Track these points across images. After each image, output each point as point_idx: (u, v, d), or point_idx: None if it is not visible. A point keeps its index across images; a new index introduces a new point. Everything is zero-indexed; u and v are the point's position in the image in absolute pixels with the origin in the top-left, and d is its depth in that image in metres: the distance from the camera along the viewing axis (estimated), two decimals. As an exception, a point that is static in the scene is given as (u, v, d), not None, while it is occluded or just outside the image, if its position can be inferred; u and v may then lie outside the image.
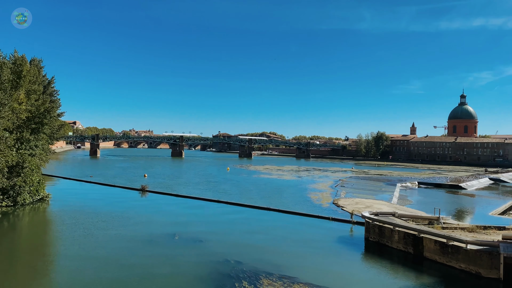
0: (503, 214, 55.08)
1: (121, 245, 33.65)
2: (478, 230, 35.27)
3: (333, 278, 26.76)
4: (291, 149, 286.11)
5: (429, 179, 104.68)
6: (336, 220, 45.84)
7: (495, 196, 79.81)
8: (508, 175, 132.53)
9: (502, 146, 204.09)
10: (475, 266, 27.89)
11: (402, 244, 33.64)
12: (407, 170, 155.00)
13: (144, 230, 39.22)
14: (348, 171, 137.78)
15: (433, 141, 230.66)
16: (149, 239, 35.90)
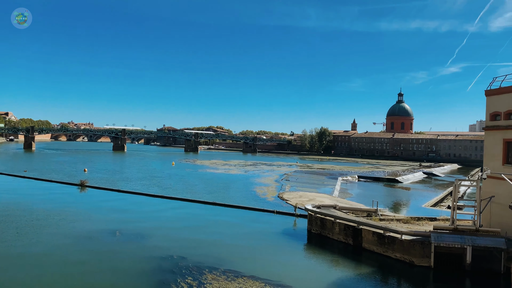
0: (435, 206, 58.88)
1: (58, 243, 32.01)
2: (413, 221, 37.45)
3: (277, 270, 27.20)
4: (238, 143, 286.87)
5: (368, 173, 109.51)
6: (280, 213, 46.65)
7: (428, 189, 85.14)
8: (440, 169, 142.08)
9: (435, 142, 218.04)
10: (409, 255, 29.57)
11: (343, 236, 34.92)
12: (348, 164, 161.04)
13: (83, 227, 37.56)
14: (293, 166, 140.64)
15: (373, 136, 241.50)
16: (89, 235, 34.45)
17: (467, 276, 27.41)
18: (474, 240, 27.99)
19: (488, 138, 35.01)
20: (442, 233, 29.20)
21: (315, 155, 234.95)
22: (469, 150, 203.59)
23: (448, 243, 28.28)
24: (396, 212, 49.41)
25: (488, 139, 35.00)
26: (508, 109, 32.28)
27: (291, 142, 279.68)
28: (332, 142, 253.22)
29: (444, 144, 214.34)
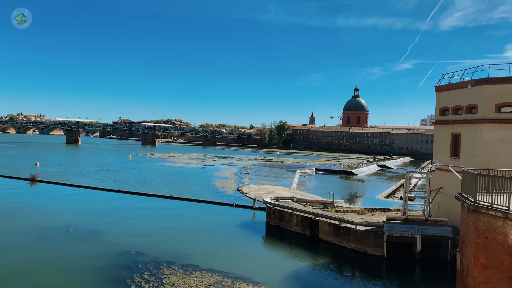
0: (388, 197, 61.19)
1: (7, 241, 30.45)
2: (367, 212, 38.72)
3: (235, 263, 27.32)
4: (197, 137, 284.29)
5: (326, 166, 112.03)
6: (239, 207, 46.80)
7: (381, 181, 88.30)
8: (393, 162, 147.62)
9: (389, 136, 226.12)
10: (363, 245, 30.58)
11: (300, 227, 35.57)
12: (306, 157, 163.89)
13: (34, 223, 35.95)
14: (252, 159, 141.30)
15: (330, 130, 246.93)
16: (40, 232, 33.02)
17: (417, 264, 28.75)
18: (423, 230, 29.36)
19: (438, 132, 36.73)
20: (394, 223, 30.40)
21: (274, 148, 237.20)
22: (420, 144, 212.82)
23: (399, 233, 29.49)
24: (352, 204, 50.91)
25: (438, 133, 36.72)
26: (456, 105, 33.95)
27: (251, 135, 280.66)
28: (291, 136, 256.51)
29: (397, 137, 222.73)
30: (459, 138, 33.22)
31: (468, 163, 28.69)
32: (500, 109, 30.95)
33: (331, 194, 42.92)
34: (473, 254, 15.80)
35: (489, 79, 31.43)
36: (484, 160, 29.86)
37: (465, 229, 17.05)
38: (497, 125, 30.70)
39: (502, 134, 30.39)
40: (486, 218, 15.10)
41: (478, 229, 15.53)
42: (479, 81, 31.88)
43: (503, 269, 14.31)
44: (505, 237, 14.25)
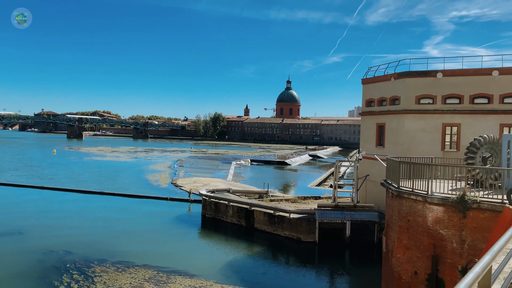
0: (319, 186, 63.62)
1: None
2: (300, 200, 40.00)
3: (171, 257, 26.91)
4: (128, 129, 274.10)
5: (260, 157, 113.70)
6: (174, 200, 46.04)
7: (313, 170, 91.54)
8: (324, 151, 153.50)
9: (320, 127, 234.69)
10: (296, 232, 31.57)
11: (236, 218, 35.84)
12: (241, 149, 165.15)
13: None
14: (187, 151, 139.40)
15: (264, 122, 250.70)
16: (-50, 236, 30.04)
17: (347, 248, 30.31)
18: (352, 215, 30.96)
19: (364, 122, 38.75)
20: (325, 210, 31.72)
21: (209, 140, 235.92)
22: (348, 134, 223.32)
23: (330, 219, 30.84)
24: (285, 193, 52.24)
25: (364, 123, 38.74)
26: (381, 97, 35.98)
27: (185, 127, 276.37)
28: (226, 127, 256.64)
29: (327, 128, 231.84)
30: (383, 128, 35.30)
31: (392, 152, 30.61)
32: (420, 101, 33.33)
33: (266, 184, 43.70)
34: (397, 236, 16.94)
35: (410, 72, 33.67)
36: (406, 148, 32.04)
37: (390, 213, 18.21)
38: (417, 116, 33.05)
39: (421, 124, 32.78)
40: (408, 203, 16.23)
41: (401, 213, 16.66)
42: (401, 74, 34.03)
43: (423, 249, 15.51)
44: (424, 219, 15.43)
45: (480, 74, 32.01)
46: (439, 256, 15.07)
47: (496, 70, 31.66)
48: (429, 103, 33.01)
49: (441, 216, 14.93)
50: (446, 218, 14.81)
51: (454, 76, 32.54)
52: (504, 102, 31.37)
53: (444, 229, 14.83)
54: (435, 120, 32.51)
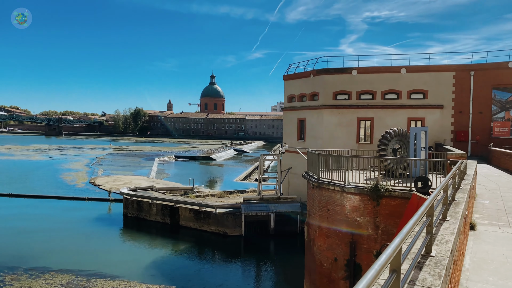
0: (245, 180, 64.42)
1: None
2: (226, 195, 40.18)
3: (90, 259, 25.55)
4: (40, 125, 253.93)
5: (185, 153, 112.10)
6: (93, 200, 43.72)
7: (238, 165, 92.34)
8: (248, 146, 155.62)
9: (244, 122, 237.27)
10: (223, 227, 31.70)
11: (160, 216, 35.02)
12: (165, 145, 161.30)
13: None
14: (106, 148, 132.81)
15: (188, 117, 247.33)
16: None
17: (272, 239, 31.10)
18: (276, 207, 31.82)
19: (286, 117, 39.90)
20: (250, 204, 32.21)
21: (130, 136, 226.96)
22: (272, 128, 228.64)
23: (255, 212, 31.41)
24: (211, 188, 52.15)
25: (286, 118, 39.89)
26: (301, 92, 37.27)
27: (103, 123, 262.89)
28: (148, 123, 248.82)
29: (252, 123, 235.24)
30: (304, 123, 36.66)
31: (312, 145, 31.91)
32: (337, 97, 35.11)
33: (191, 180, 43.22)
34: (317, 225, 17.74)
35: (327, 69, 35.28)
36: (325, 142, 33.59)
37: (311, 204, 19.00)
38: (334, 111, 34.79)
39: (338, 119, 34.57)
40: (327, 193, 17.05)
41: (321, 202, 17.46)
42: (319, 71, 35.53)
43: (342, 236, 16.43)
44: (342, 208, 16.33)
45: (390, 72, 34.53)
46: (356, 242, 16.05)
47: (404, 68, 34.36)
48: (345, 99, 34.90)
49: (357, 204, 15.90)
50: (362, 206, 15.80)
51: (367, 74, 34.73)
52: (411, 97, 34.17)
53: (360, 216, 15.82)
54: (351, 115, 34.47)
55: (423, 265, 3.48)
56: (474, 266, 6.88)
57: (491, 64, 33.35)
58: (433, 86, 33.70)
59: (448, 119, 33.71)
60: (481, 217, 11.22)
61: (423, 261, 3.60)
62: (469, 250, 7.88)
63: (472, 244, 8.42)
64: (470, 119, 33.46)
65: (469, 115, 33.44)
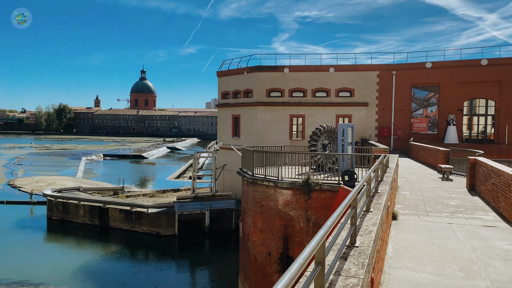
0: (178, 178, 63.30)
1: None
2: (158, 194, 39.21)
3: (11, 268, 23.63)
4: None
5: (114, 151, 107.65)
6: (12, 203, 40.48)
7: (172, 163, 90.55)
8: (182, 143, 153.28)
9: (177, 119, 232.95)
10: (155, 227, 30.91)
11: (88, 218, 33.33)
12: (92, 143, 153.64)
13: None
14: (27, 147, 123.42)
15: (117, 113, 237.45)
16: None
17: (207, 237, 30.92)
18: (211, 205, 31.67)
19: (220, 114, 39.82)
20: (184, 202, 31.75)
21: (54, 134, 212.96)
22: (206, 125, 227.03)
23: (190, 210, 31.02)
24: (143, 187, 50.64)
25: (220, 115, 39.81)
26: (235, 89, 37.40)
27: (23, 120, 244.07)
28: (74, 120, 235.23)
29: (185, 120, 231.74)
30: (239, 120, 36.84)
31: (247, 142, 32.19)
32: (270, 94, 35.71)
33: (121, 179, 41.62)
34: (252, 221, 17.93)
35: (261, 67, 35.73)
36: (259, 138, 34.04)
37: (245, 200, 19.16)
38: (268, 108, 35.36)
39: (272, 115, 35.19)
40: (261, 189, 17.29)
41: (255, 198, 17.66)
42: (253, 68, 35.88)
43: (275, 230, 16.76)
44: (276, 203, 16.66)
45: (319, 71, 35.79)
46: (289, 236, 16.46)
47: (332, 67, 35.78)
48: (278, 96, 35.61)
49: (290, 199, 16.30)
50: (294, 201, 16.23)
51: (298, 72, 35.71)
52: (339, 95, 35.70)
53: (293, 210, 16.24)
54: (284, 112, 35.26)
55: (348, 256, 3.64)
56: (396, 254, 7.35)
57: (410, 64, 35.83)
58: (359, 84, 35.49)
59: (373, 116, 35.71)
60: (402, 207, 12.04)
61: (348, 252, 3.76)
62: (391, 239, 8.41)
63: (394, 233, 9.00)
64: (392, 116, 35.70)
65: (392, 112, 35.68)
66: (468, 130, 35.09)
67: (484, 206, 12.60)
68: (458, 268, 6.61)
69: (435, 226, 9.72)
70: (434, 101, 35.34)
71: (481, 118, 34.77)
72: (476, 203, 13.01)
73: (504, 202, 11.15)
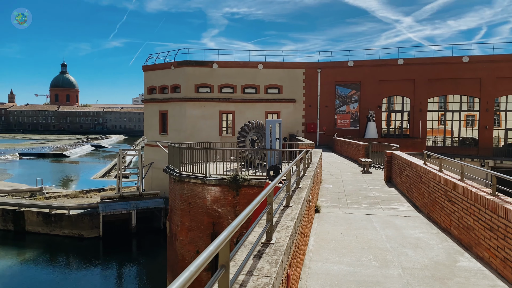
0: (104, 177, 60.37)
1: None
2: (81, 195, 37.08)
3: None
4: None
5: (32, 150, 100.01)
6: None
7: (97, 161, 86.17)
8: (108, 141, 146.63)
9: (102, 115, 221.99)
10: (78, 229, 29.18)
11: (1, 223, 30.60)
12: (6, 141, 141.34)
13: None
14: None
15: (35, 109, 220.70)
16: None
17: (134, 238, 29.81)
18: (138, 204, 30.57)
19: (147, 110, 38.54)
20: (109, 202, 30.32)
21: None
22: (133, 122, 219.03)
23: (115, 211, 29.69)
24: (65, 188, 47.62)
25: (147, 111, 38.53)
26: (162, 84, 36.39)
27: None
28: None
29: (111, 116, 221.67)
30: (166, 116, 35.93)
31: (176, 138, 31.49)
32: (199, 89, 35.24)
33: (39, 180, 38.74)
34: (179, 219, 17.54)
35: (189, 62, 35.11)
36: (188, 135, 33.48)
37: (173, 198, 18.70)
38: (197, 103, 34.88)
39: (201, 111, 34.78)
40: (189, 186, 16.96)
41: (183, 196, 17.29)
42: (180, 63, 35.16)
43: (203, 228, 16.54)
44: (204, 201, 16.43)
45: (248, 67, 36.01)
46: (218, 233, 16.33)
47: (261, 64, 36.18)
48: (207, 92, 35.28)
49: (218, 196, 16.17)
50: (222, 197, 16.13)
51: (227, 68, 35.63)
52: (268, 92, 36.22)
53: (221, 207, 16.14)
54: (213, 108, 35.01)
55: (263, 254, 3.59)
56: (317, 246, 7.54)
57: (334, 63, 37.34)
58: (287, 81, 36.28)
59: (300, 112, 36.74)
60: (325, 200, 12.45)
61: (264, 249, 3.72)
62: (313, 232, 8.63)
63: (316, 226, 9.25)
64: (318, 112, 36.98)
65: (317, 108, 36.95)
66: (386, 126, 37.41)
67: (399, 197, 13.45)
68: (374, 258, 6.93)
69: (355, 218, 10.16)
70: (356, 98, 37.18)
71: (398, 114, 37.24)
72: (392, 194, 13.85)
73: (416, 193, 11.98)
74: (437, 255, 7.19)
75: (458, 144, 35.59)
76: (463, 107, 35.54)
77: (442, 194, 9.27)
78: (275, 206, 5.35)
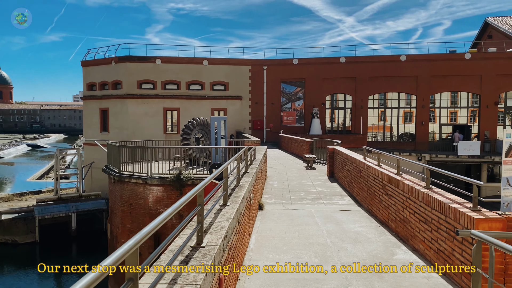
0: (41, 178, 56.89)
1: None
2: (15, 198, 34.66)
3: None
4: None
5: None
6: None
7: (33, 162, 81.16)
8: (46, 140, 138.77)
9: (39, 113, 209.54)
10: (11, 235, 27.24)
11: None
12: None
13: None
14: None
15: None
16: None
17: (74, 241, 28.30)
18: (78, 206, 29.05)
19: (87, 107, 36.75)
20: (46, 205, 28.58)
21: None
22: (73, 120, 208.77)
23: (53, 214, 28.02)
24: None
25: (87, 108, 36.75)
26: (103, 80, 34.84)
27: None
28: None
29: (49, 114, 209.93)
30: (107, 113, 34.44)
31: (117, 137, 30.24)
32: (142, 86, 34.11)
33: (-34, 183, 35.76)
34: (120, 221, 16.83)
35: (130, 57, 33.87)
36: (131, 133, 32.31)
37: (113, 200, 17.90)
38: (139, 100, 33.75)
39: (144, 108, 33.69)
40: (129, 187, 16.29)
41: (123, 197, 16.58)
42: (122, 58, 33.82)
43: (146, 229, 15.99)
44: (146, 201, 15.86)
45: (193, 63, 35.38)
46: (161, 234, 15.81)
47: (206, 60, 35.67)
48: (151, 88, 34.25)
49: (161, 195, 15.67)
50: (165, 197, 15.65)
51: (171, 63, 34.79)
52: (214, 89, 35.82)
53: (164, 207, 15.65)
54: (157, 105, 34.05)
55: (191, 259, 3.37)
56: (258, 245, 7.42)
57: (279, 60, 37.63)
58: (233, 78, 36.06)
59: (247, 109, 36.69)
60: (269, 197, 12.41)
61: (192, 254, 3.49)
62: (255, 230, 8.51)
63: (259, 223, 9.14)
64: (264, 109, 37.13)
65: (264, 105, 37.08)
66: (330, 122, 38.33)
67: (341, 191, 13.72)
68: (314, 254, 6.92)
69: (298, 214, 10.18)
70: (300, 95, 37.74)
71: (341, 111, 38.27)
72: (334, 189, 14.11)
73: (357, 187, 12.25)
74: (375, 248, 7.32)
75: (397, 139, 37.24)
76: (401, 104, 37.22)
77: (380, 188, 9.51)
78: (210, 206, 5.14)
